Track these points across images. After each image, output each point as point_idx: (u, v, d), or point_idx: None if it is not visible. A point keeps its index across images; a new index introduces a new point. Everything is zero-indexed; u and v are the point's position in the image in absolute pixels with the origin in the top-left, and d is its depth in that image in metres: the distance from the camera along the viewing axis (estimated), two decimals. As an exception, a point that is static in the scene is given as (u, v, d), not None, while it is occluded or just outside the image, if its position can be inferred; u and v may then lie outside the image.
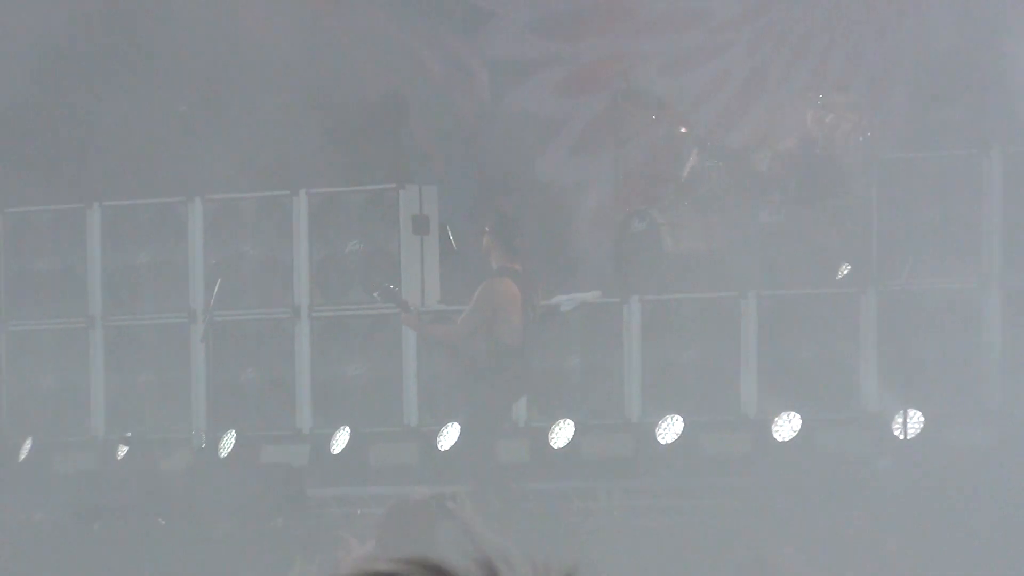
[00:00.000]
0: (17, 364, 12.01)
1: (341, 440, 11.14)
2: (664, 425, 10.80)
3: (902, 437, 10.29)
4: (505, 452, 11.07)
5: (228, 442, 11.33)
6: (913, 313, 10.64)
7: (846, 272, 11.02)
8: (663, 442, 10.85)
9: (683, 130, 11.72)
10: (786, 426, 10.45)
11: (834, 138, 11.21)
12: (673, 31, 12.94)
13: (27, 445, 11.61)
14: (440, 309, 11.40)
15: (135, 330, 11.95)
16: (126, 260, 12.03)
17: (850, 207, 11.09)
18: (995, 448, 10.36)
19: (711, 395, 11.01)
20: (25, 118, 12.34)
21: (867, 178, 11.01)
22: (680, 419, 10.74)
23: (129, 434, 11.32)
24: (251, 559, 10.50)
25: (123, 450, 11.38)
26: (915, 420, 10.27)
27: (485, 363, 11.03)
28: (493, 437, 11.08)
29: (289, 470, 11.36)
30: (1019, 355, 10.50)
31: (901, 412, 10.25)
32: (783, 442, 10.50)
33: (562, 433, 10.81)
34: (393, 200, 11.66)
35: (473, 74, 13.55)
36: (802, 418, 10.48)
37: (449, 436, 10.95)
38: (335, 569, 9.05)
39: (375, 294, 10.81)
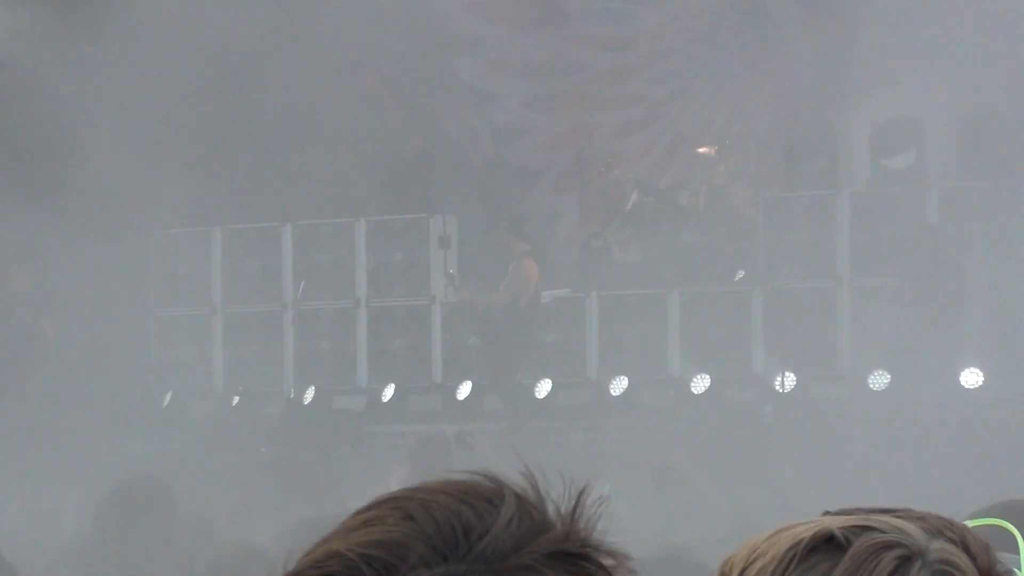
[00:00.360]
0: (163, 341, 13.53)
1: (388, 392, 12.57)
2: (615, 383, 12.20)
3: (781, 391, 11.74)
4: (504, 401, 12.35)
5: (309, 394, 12.76)
6: (788, 305, 12.19)
7: (741, 276, 12.55)
8: (614, 395, 12.22)
9: (626, 177, 13.38)
10: (700, 383, 11.93)
11: (731, 181, 12.93)
12: (619, 108, 14.52)
13: (168, 397, 13.06)
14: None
15: (246, 317, 13.48)
16: (239, 268, 13.48)
17: (743, 229, 12.56)
18: (847, 402, 11.72)
19: (647, 362, 12.39)
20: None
21: (754, 208, 12.57)
22: (626, 379, 12.19)
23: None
24: (326, 478, 11.19)
25: (236, 399, 12.85)
26: (790, 379, 11.69)
27: (506, 330, 12.38)
28: (507, 389, 12.40)
29: (352, 414, 12.64)
30: (862, 333, 11.89)
31: (781, 374, 11.65)
32: (697, 395, 11.92)
33: (543, 388, 12.22)
34: (424, 225, 13.10)
35: (481, 136, 14.96)
36: (711, 378, 11.94)
37: (464, 390, 12.41)
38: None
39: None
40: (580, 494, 0.68)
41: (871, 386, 11.71)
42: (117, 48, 12.13)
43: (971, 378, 11.38)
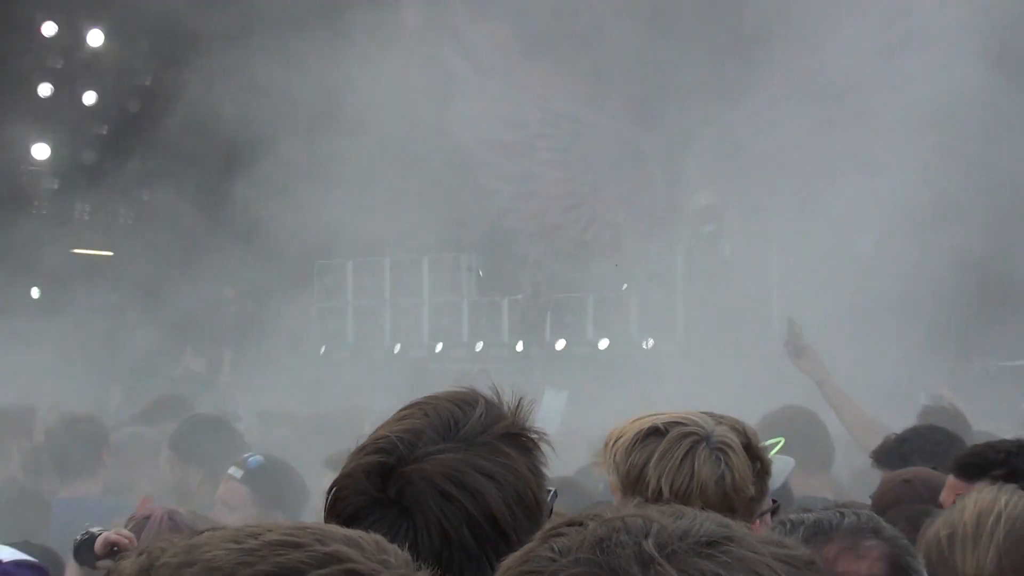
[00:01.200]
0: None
1: (439, 348, 14.12)
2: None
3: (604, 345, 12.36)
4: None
5: (397, 349, 14.28)
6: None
7: (625, 288, 13.57)
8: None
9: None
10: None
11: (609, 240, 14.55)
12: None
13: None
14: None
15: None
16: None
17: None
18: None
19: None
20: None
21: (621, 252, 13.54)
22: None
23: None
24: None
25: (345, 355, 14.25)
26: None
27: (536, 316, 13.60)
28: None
29: (419, 360, 14.36)
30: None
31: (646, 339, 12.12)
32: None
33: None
34: (455, 259, 15.45)
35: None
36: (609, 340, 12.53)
37: (479, 347, 14.00)
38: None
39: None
40: (521, 399, 1.18)
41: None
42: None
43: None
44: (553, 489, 1.40)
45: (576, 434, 5.93)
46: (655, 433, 1.72)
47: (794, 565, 0.73)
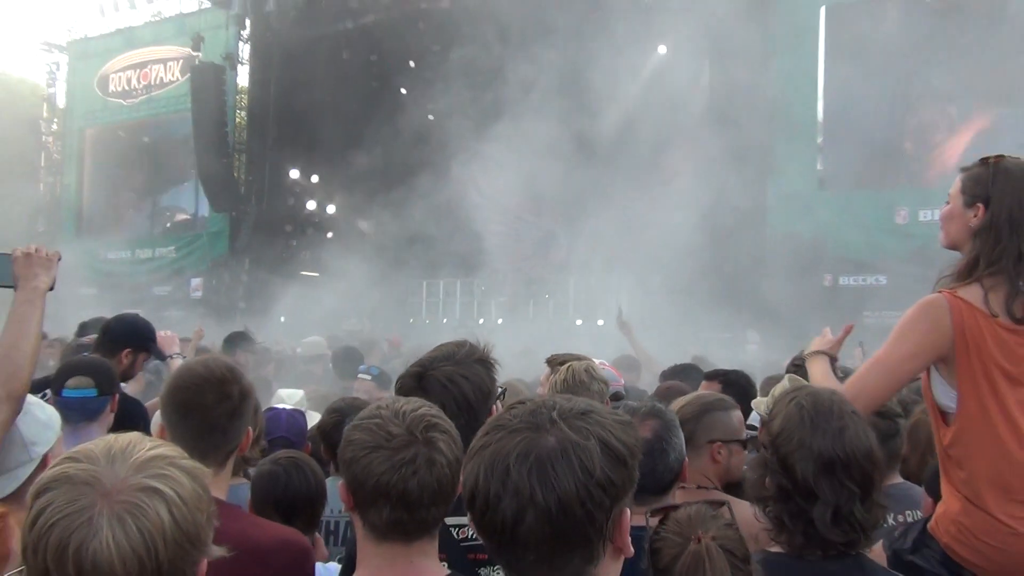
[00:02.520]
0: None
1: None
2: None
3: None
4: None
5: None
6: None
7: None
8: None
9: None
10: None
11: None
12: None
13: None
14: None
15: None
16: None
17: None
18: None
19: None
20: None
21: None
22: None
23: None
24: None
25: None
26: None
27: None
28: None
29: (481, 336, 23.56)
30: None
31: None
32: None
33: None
34: (471, 281, 19.51)
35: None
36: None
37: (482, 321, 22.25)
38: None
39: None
40: (487, 343, 2.55)
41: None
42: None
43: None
44: (503, 388, 2.57)
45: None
46: (558, 363, 3.56)
47: (620, 422, 1.42)
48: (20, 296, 2.76)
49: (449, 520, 2.24)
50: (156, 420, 4.15)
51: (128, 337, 4.40)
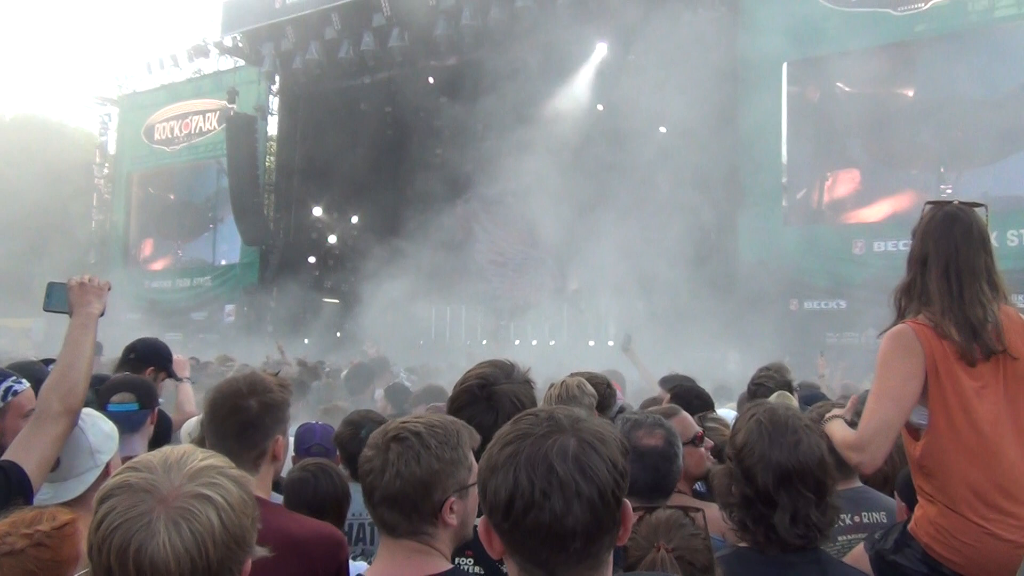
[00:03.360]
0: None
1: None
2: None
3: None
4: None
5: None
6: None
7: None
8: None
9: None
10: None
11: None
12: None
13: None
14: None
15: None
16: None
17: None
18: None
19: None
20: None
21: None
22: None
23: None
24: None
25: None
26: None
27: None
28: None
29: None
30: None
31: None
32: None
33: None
34: (475, 310, 27.75)
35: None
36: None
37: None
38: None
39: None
40: (528, 368, 2.56)
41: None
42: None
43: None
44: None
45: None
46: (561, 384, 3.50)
47: (610, 425, 1.47)
48: (75, 321, 2.76)
49: None
50: (185, 430, 4.17)
51: (152, 357, 4.40)
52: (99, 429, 2.76)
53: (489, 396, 2.38)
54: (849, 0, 14.60)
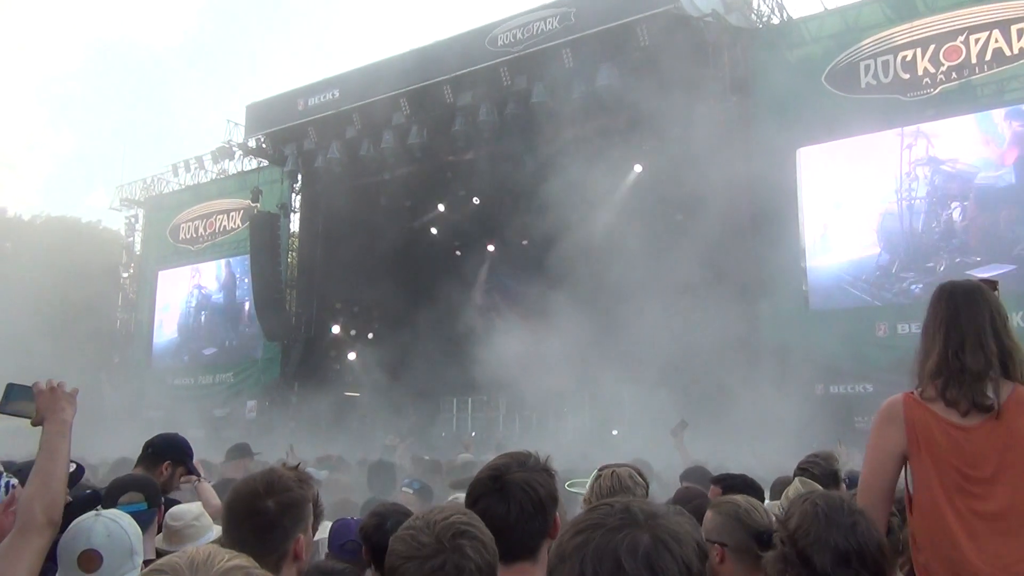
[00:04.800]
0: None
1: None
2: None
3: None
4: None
5: None
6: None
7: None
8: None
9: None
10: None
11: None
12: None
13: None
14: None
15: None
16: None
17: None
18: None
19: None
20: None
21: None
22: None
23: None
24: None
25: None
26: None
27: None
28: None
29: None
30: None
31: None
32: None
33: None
34: (496, 401, 23.84)
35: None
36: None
37: None
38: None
39: None
40: (547, 457, 2.43)
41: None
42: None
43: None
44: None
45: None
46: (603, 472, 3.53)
47: (692, 523, 1.44)
48: (51, 428, 2.68)
49: None
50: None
51: (168, 451, 4.37)
52: (136, 532, 2.78)
53: (502, 487, 2.33)
54: (859, 87, 14.89)
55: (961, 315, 2.72)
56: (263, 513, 2.40)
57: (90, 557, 2.70)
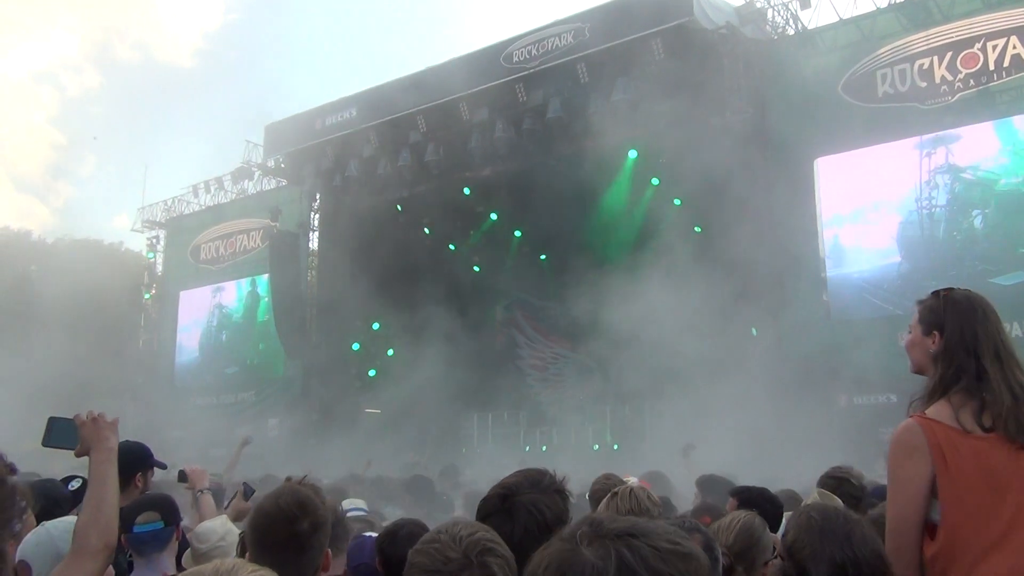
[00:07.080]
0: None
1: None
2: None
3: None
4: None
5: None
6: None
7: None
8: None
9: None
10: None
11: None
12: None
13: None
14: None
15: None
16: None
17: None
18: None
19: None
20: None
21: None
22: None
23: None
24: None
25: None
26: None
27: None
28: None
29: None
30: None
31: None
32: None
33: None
34: (517, 416, 20.89)
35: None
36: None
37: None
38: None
39: None
40: (564, 477, 2.44)
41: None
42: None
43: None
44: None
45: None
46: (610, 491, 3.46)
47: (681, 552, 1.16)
48: (98, 457, 2.80)
49: None
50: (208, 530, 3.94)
51: (136, 463, 4.33)
52: (67, 538, 2.80)
53: (510, 508, 2.33)
54: (876, 96, 14.81)
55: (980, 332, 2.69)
56: (299, 535, 2.44)
57: (20, 569, 2.82)
